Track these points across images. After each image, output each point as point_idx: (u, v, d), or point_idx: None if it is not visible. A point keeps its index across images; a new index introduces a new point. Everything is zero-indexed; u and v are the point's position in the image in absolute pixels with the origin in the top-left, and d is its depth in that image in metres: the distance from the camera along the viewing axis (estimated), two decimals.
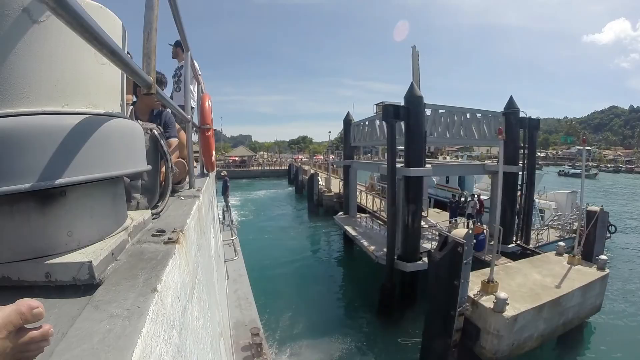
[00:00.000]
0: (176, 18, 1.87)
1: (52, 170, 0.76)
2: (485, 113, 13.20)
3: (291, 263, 15.56)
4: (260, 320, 5.42)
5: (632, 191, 44.21)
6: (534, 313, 7.66)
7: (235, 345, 4.45)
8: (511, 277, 9.13)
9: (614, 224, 17.14)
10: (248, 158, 63.99)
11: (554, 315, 8.18)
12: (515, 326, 7.38)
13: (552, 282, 8.85)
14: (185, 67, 2.52)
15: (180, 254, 1.07)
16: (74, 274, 0.78)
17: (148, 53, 1.08)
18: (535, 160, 14.11)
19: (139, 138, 1.12)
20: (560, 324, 8.42)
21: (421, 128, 11.12)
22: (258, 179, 51.28)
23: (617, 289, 12.32)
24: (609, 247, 16.23)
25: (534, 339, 7.91)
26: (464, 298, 7.58)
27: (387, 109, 11.31)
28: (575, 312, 8.72)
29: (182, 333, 0.92)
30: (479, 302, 7.63)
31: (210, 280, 2.40)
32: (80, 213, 0.86)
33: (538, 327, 7.88)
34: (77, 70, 0.91)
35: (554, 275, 9.26)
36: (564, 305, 8.33)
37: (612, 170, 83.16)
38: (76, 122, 0.83)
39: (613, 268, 13.59)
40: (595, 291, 9.14)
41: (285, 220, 24.77)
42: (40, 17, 0.82)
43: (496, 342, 7.38)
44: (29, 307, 0.50)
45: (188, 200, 1.97)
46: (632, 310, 10.92)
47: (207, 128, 3.16)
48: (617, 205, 29.98)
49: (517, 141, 13.04)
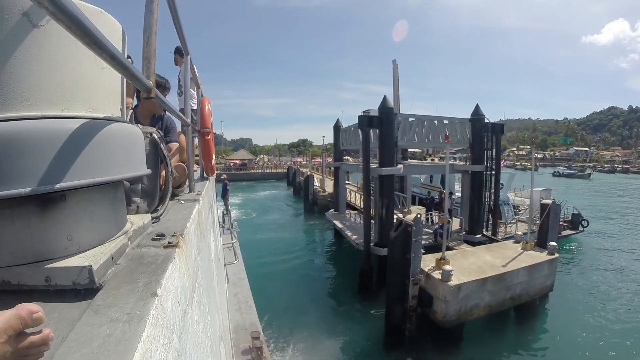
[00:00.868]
0: (176, 22, 1.87)
1: (52, 174, 0.76)
2: (452, 120, 14.85)
3: (286, 254, 17.31)
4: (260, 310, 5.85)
5: (619, 190, 46.31)
6: (477, 284, 9.22)
7: (236, 349, 4.44)
8: (466, 258, 10.84)
9: (587, 219, 19.05)
10: (248, 161, 65.91)
11: (500, 289, 9.69)
12: (459, 294, 8.97)
13: (500, 262, 10.38)
14: (185, 71, 2.53)
15: (180, 257, 1.06)
16: (74, 278, 0.78)
17: (148, 57, 1.08)
18: (500, 160, 15.91)
19: (139, 142, 1.12)
20: (507, 298, 9.92)
21: (392, 134, 12.73)
22: (258, 182, 53.36)
23: (576, 274, 14.27)
24: (581, 239, 18.66)
25: (481, 307, 9.44)
26: (417, 269, 9.25)
27: (362, 119, 13.02)
28: (523, 289, 10.21)
29: (182, 337, 0.92)
30: (430, 274, 9.32)
31: (210, 284, 2.39)
32: (80, 217, 0.86)
33: (483, 297, 9.41)
34: (77, 74, 0.91)
35: (504, 257, 10.78)
36: (509, 281, 9.83)
37: (608, 170, 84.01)
38: (76, 126, 0.83)
39: (581, 255, 16.61)
40: (543, 272, 10.61)
41: (283, 218, 26.77)
42: (40, 21, 0.82)
43: (445, 307, 8.98)
44: (29, 312, 0.50)
45: (188, 204, 1.97)
46: (583, 293, 12.59)
47: (206, 132, 3.16)
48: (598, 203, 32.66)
49: (483, 144, 14.52)
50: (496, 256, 10.93)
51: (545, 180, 56.00)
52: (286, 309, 11.41)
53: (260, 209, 29.83)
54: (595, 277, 13.96)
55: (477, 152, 14.48)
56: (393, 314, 9.38)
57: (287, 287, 13.31)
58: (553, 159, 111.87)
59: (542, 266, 10.52)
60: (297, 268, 15.66)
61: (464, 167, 15.42)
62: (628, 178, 66.79)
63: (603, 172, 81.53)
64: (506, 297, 9.87)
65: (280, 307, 11.42)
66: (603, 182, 56.07)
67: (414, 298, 9.26)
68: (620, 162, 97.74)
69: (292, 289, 13.27)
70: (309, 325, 10.42)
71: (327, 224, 20.22)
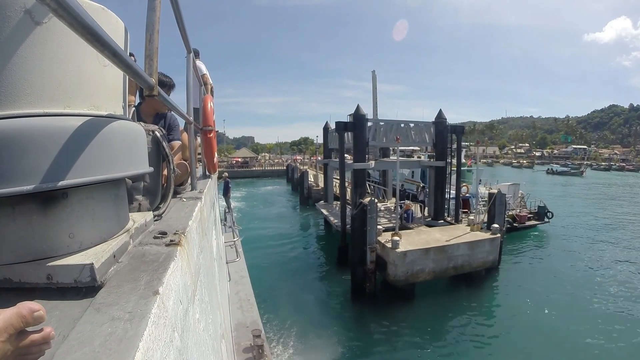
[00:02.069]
0: (178, 20, 1.87)
1: (54, 172, 0.76)
2: (418, 123, 17.42)
3: (282, 238, 20.23)
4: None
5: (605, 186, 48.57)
6: (421, 253, 11.66)
7: (237, 347, 4.45)
8: (419, 235, 13.37)
9: (552, 210, 21.10)
10: (250, 159, 69.19)
11: (442, 258, 12.04)
12: (406, 259, 11.42)
13: (446, 238, 12.65)
14: (188, 69, 2.52)
15: (182, 256, 1.06)
16: (76, 276, 0.78)
17: (150, 55, 1.08)
18: (461, 157, 18.61)
19: (141, 140, 1.11)
20: (450, 266, 12.24)
21: (364, 136, 15.38)
22: (259, 178, 56.48)
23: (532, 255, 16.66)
24: (546, 229, 20.73)
25: (426, 272, 11.82)
26: (373, 239, 11.94)
27: (338, 124, 15.75)
28: (465, 261, 12.47)
29: (183, 335, 0.92)
30: (384, 243, 11.86)
31: (212, 282, 2.40)
32: (82, 215, 0.86)
33: (427, 264, 11.80)
34: (79, 71, 0.90)
35: (452, 235, 13.02)
36: (450, 252, 12.15)
37: (603, 168, 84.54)
38: (78, 123, 0.83)
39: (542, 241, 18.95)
40: (485, 248, 12.80)
41: (280, 209, 30.23)
42: (42, 18, 0.82)
43: (394, 270, 11.46)
44: (30, 310, 0.49)
45: (190, 202, 1.97)
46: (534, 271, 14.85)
47: (209, 129, 3.16)
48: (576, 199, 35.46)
49: (445, 143, 17.01)
50: (445, 235, 13.20)
51: (538, 177, 59.99)
52: (278, 278, 14.21)
53: (261, 202, 33.77)
54: (550, 259, 16.21)
55: (439, 150, 17.03)
56: (356, 275, 12.11)
57: (282, 262, 16.22)
58: (551, 157, 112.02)
59: (483, 243, 12.75)
60: (291, 248, 18.60)
61: (428, 163, 18.21)
62: (621, 176, 67.97)
63: (598, 169, 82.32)
64: (449, 265, 12.19)
65: (274, 277, 14.19)
66: (593, 180, 57.57)
67: (372, 262, 11.88)
68: (618, 160, 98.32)
69: (285, 263, 16.24)
70: (294, 290, 13.21)
71: (319, 213, 22.65)
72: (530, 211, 21.27)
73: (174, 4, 1.67)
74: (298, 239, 20.61)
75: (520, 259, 16.11)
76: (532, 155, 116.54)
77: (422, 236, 13.07)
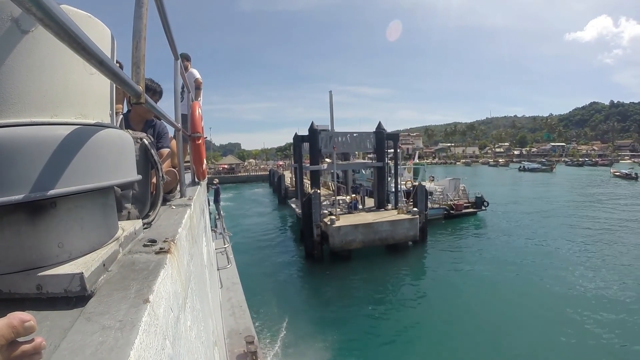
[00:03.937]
0: (165, 27, 1.87)
1: (43, 181, 0.76)
2: (361, 133, 22.20)
3: (261, 228, 25.71)
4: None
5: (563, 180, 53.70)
6: (351, 228, 16.55)
7: (230, 354, 4.41)
8: (355, 217, 18.34)
9: (488, 200, 25.63)
10: (236, 165, 74.68)
11: (369, 232, 16.81)
12: (340, 232, 16.32)
13: (374, 219, 17.52)
14: (175, 75, 2.52)
15: (172, 263, 1.06)
16: (66, 285, 0.77)
17: (137, 62, 1.08)
18: (398, 159, 23.05)
19: (129, 148, 1.11)
20: (376, 238, 16.98)
21: (317, 145, 20.57)
22: (245, 183, 62.78)
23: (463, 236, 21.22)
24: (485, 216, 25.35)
25: (357, 242, 16.60)
26: (317, 219, 16.97)
27: (295, 137, 23.39)
28: (389, 235, 17.17)
29: (175, 343, 0.91)
30: (325, 221, 16.61)
31: (203, 289, 2.38)
32: (71, 224, 0.85)
33: (357, 236, 16.60)
34: (66, 80, 0.90)
35: (380, 217, 17.88)
36: (376, 228, 16.94)
37: (577, 164, 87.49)
38: (66, 132, 0.82)
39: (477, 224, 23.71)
40: (405, 226, 17.43)
41: (261, 208, 36.29)
42: (29, 27, 0.81)
43: (333, 240, 16.27)
44: (21, 321, 0.49)
45: (179, 209, 1.95)
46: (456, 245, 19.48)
47: (197, 136, 3.15)
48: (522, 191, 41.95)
49: (383, 148, 21.48)
50: (375, 216, 18.20)
51: (511, 174, 67.59)
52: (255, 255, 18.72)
53: (244, 202, 40.57)
54: (479, 238, 20.54)
55: (379, 154, 21.60)
56: (307, 245, 17.35)
57: (259, 244, 21.23)
58: (529, 155, 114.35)
59: (403, 222, 17.43)
60: (266, 234, 23.83)
61: (371, 164, 22.74)
62: (592, 170, 71.74)
63: (572, 165, 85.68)
64: (375, 238, 16.92)
65: (253, 255, 18.57)
66: (560, 175, 61.77)
67: (317, 235, 16.91)
68: (595, 156, 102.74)
69: (262, 243, 21.35)
70: (265, 258, 18.28)
71: (293, 209, 27.09)
72: (469, 201, 25.79)
73: (160, 11, 1.68)
74: (274, 228, 26.17)
75: (452, 237, 20.74)
76: (511, 154, 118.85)
77: (357, 217, 18.16)
